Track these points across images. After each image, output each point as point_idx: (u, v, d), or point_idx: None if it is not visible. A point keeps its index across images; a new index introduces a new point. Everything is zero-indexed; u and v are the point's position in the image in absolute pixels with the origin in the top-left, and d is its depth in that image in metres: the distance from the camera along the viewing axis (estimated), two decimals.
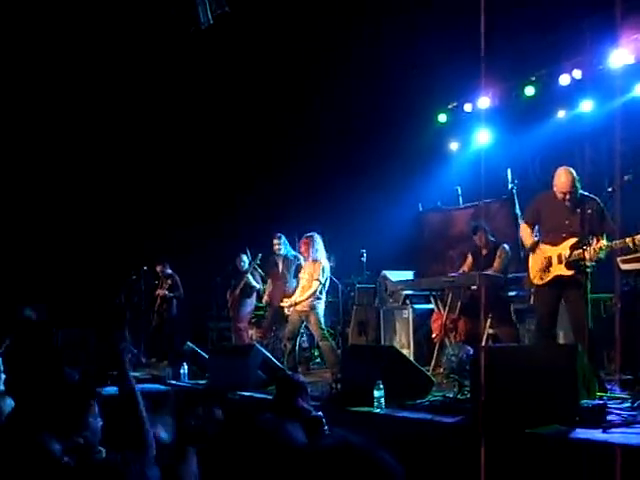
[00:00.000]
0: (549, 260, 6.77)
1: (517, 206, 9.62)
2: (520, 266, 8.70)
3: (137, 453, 2.52)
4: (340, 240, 11.92)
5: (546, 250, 6.84)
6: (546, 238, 6.92)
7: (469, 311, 8.48)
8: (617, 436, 4.46)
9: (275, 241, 10.37)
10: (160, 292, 12.61)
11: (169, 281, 12.60)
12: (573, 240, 6.61)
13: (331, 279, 10.57)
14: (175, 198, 13.74)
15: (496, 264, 8.60)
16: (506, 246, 8.68)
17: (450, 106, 12.61)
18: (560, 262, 6.66)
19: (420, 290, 9.56)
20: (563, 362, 5.17)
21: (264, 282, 11.25)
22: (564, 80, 10.66)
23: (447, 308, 8.67)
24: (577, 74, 10.49)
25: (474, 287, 8.37)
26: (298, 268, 10.12)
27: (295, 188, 12.64)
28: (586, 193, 6.84)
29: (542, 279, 6.81)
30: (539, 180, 11.32)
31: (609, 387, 6.32)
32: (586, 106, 10.61)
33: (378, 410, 6.00)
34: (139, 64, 11.40)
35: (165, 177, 13.75)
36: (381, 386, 6.03)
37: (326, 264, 9.37)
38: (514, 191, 9.80)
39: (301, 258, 10.09)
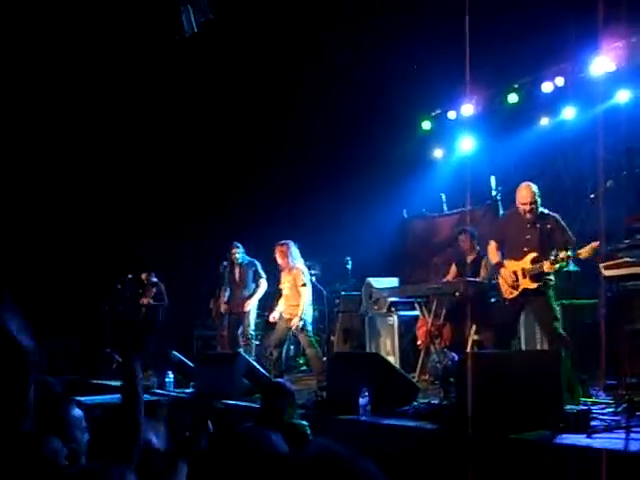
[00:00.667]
0: (515, 275, 6.99)
1: (501, 212, 9.68)
2: None
3: (120, 461, 2.50)
4: (325, 248, 11.94)
5: (511, 265, 7.06)
6: (510, 254, 7.17)
7: (454, 318, 8.50)
8: (601, 441, 4.48)
9: (234, 250, 10.46)
10: (145, 300, 12.55)
11: (154, 289, 12.55)
12: (533, 254, 6.89)
13: (316, 286, 10.57)
14: (161, 207, 13.70)
15: (482, 273, 8.63)
16: None
17: (434, 113, 12.66)
18: (525, 276, 6.91)
19: (405, 297, 9.56)
20: (547, 368, 5.20)
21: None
22: (547, 87, 10.73)
23: (432, 315, 8.68)
24: (559, 81, 10.57)
25: (458, 294, 8.38)
26: (255, 273, 10.41)
27: (279, 196, 12.65)
28: (546, 211, 7.10)
29: (512, 293, 7.03)
30: None
31: (594, 392, 6.36)
32: (568, 113, 10.68)
33: (364, 418, 6.00)
34: (127, 70, 11.38)
35: (150, 186, 13.71)
36: (366, 393, 6.03)
37: (304, 268, 9.42)
38: (498, 197, 9.87)
39: (257, 263, 10.42)
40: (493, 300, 8.20)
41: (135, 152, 13.34)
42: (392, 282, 10.32)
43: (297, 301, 9.19)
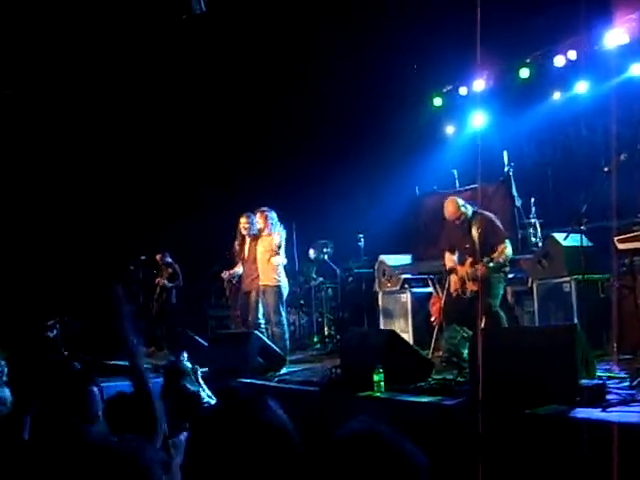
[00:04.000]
0: (462, 279, 7.51)
1: (514, 188, 9.64)
2: (518, 248, 8.72)
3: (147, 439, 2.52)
4: (337, 225, 11.94)
5: (459, 270, 7.57)
6: (458, 259, 7.68)
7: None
8: (617, 415, 4.48)
9: (243, 220, 9.79)
10: (160, 281, 12.57)
11: (169, 270, 12.55)
12: (471, 259, 7.43)
13: (329, 264, 10.58)
14: (173, 187, 13.72)
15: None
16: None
17: (445, 89, 12.58)
18: (469, 279, 7.42)
19: (418, 274, 9.57)
20: (562, 342, 5.19)
21: None
22: (559, 61, 10.62)
23: (445, 291, 8.67)
24: (572, 55, 10.45)
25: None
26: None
27: (291, 174, 12.62)
28: (471, 214, 7.61)
29: (464, 295, 7.49)
30: (535, 162, 11.34)
31: (608, 367, 6.35)
32: (581, 87, 10.58)
33: (378, 394, 6.02)
34: (132, 54, 11.34)
35: (162, 166, 13.72)
36: (381, 370, 6.04)
37: (283, 235, 9.44)
38: (510, 173, 9.81)
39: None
40: (511, 276, 8.15)
41: (145, 135, 13.34)
42: (405, 259, 10.31)
43: (273, 266, 9.30)
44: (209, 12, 8.98)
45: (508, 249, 7.39)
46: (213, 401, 5.24)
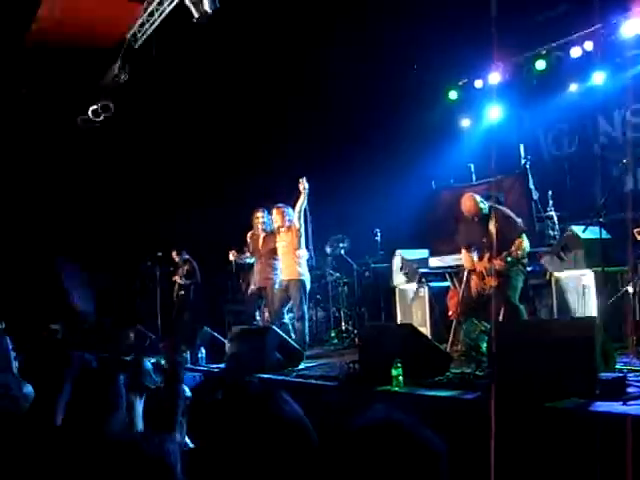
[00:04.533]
0: (482, 274, 7.58)
1: (530, 181, 9.60)
2: (536, 241, 8.68)
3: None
4: (354, 220, 11.93)
5: (478, 266, 7.62)
6: (478, 256, 7.71)
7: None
8: (637, 408, 4.45)
9: (258, 214, 9.94)
10: (177, 279, 12.61)
11: (186, 267, 12.57)
12: (488, 254, 7.46)
13: (346, 259, 10.57)
14: (189, 183, 13.74)
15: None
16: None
17: (461, 83, 12.55)
18: (489, 275, 7.46)
19: (435, 268, 9.54)
20: (581, 335, 5.16)
21: None
22: (575, 52, 10.56)
23: (463, 285, 8.64)
24: (588, 46, 10.39)
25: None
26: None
27: (307, 169, 12.59)
28: (487, 209, 7.60)
29: (485, 291, 7.53)
30: (552, 155, 11.29)
31: (627, 359, 6.31)
32: (598, 78, 10.50)
33: (397, 388, 6.01)
34: (144, 50, 11.36)
35: (179, 163, 13.74)
36: (399, 364, 6.03)
37: (302, 227, 9.46)
38: (527, 166, 9.77)
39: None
40: (529, 269, 8.12)
41: (162, 132, 13.36)
42: (422, 253, 10.28)
43: (296, 259, 9.34)
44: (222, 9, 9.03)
45: (525, 243, 7.38)
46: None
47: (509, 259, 7.24)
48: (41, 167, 13.25)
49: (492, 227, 7.45)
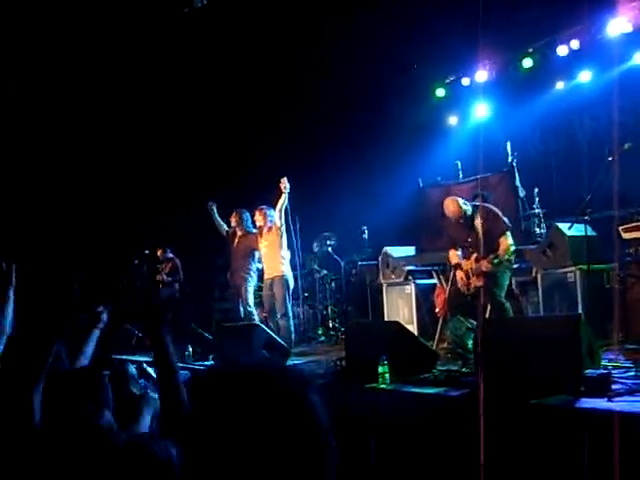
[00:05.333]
0: (467, 275, 7.51)
1: (517, 179, 9.62)
2: (522, 239, 8.71)
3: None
4: (341, 218, 11.93)
5: (464, 265, 7.58)
6: (463, 255, 7.69)
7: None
8: (622, 404, 4.46)
9: (234, 214, 10.24)
10: (159, 277, 12.60)
11: (168, 265, 12.57)
12: (475, 254, 7.40)
13: (333, 257, 10.58)
14: (176, 181, 13.70)
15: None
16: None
17: (448, 80, 12.56)
18: (473, 275, 7.41)
19: (422, 265, 9.56)
20: (567, 332, 5.17)
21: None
22: (562, 51, 10.60)
23: (450, 283, 8.65)
24: (575, 44, 10.44)
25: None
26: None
27: (294, 167, 12.58)
28: (470, 210, 7.55)
29: (469, 290, 7.48)
30: (539, 152, 11.32)
31: (613, 356, 6.33)
32: (584, 76, 10.56)
33: (383, 386, 6.01)
34: (133, 45, 11.31)
35: (164, 161, 13.70)
36: (385, 362, 6.04)
37: (284, 226, 9.58)
38: (514, 164, 9.79)
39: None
40: (515, 266, 8.15)
41: (148, 130, 13.32)
42: (409, 251, 10.30)
43: (278, 258, 9.48)
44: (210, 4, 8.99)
45: (509, 241, 7.34)
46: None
47: (496, 261, 7.21)
48: (28, 165, 13.17)
49: (478, 225, 7.43)
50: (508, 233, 7.37)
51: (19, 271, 4.35)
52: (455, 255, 7.79)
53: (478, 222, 7.43)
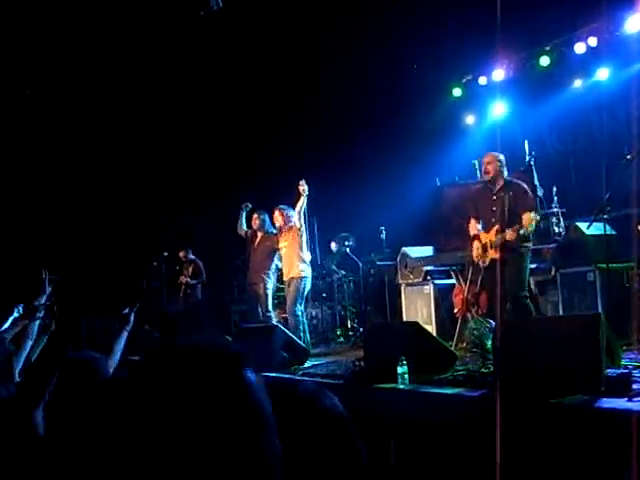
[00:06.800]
0: (485, 246, 7.63)
1: (535, 177, 9.57)
2: (540, 238, 8.67)
3: None
4: (358, 218, 11.93)
5: (483, 237, 7.66)
6: (483, 227, 7.77)
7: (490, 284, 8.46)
8: None
9: (254, 216, 10.37)
10: (182, 279, 12.64)
11: (192, 267, 12.63)
12: (497, 226, 7.44)
13: (351, 257, 10.60)
14: (195, 182, 13.75)
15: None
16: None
17: (465, 79, 12.54)
18: (492, 247, 7.49)
19: (440, 265, 9.55)
20: (586, 331, 5.15)
21: None
22: (579, 48, 10.54)
23: (468, 282, 8.63)
24: (592, 42, 10.37)
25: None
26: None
27: (311, 167, 12.62)
28: (513, 180, 7.68)
29: (484, 262, 7.61)
30: (556, 150, 11.26)
31: (633, 356, 6.30)
32: (602, 74, 10.49)
33: (402, 386, 6.02)
34: (145, 48, 11.36)
35: (184, 162, 13.76)
36: (404, 362, 6.04)
37: (303, 227, 9.65)
38: (532, 163, 9.75)
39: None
40: (533, 266, 8.13)
41: (168, 131, 13.38)
42: (427, 251, 10.29)
43: (298, 259, 9.55)
44: (226, 7, 9.02)
45: (536, 217, 7.33)
46: None
47: (521, 231, 7.23)
48: (46, 167, 13.26)
49: (505, 198, 7.46)
50: (535, 213, 7.38)
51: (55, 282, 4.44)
52: (475, 226, 7.83)
53: (506, 195, 7.45)
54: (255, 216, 10.26)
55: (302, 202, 9.41)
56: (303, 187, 9.31)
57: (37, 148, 13.03)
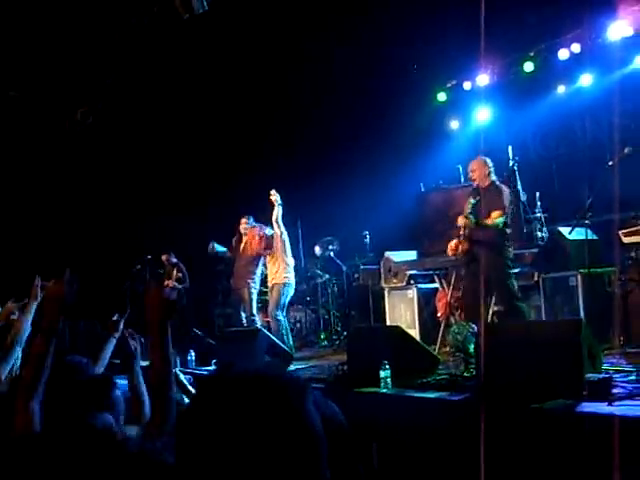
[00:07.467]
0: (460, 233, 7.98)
1: (519, 183, 9.62)
2: (522, 243, 8.71)
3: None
4: (343, 222, 11.94)
5: (460, 220, 8.00)
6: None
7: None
8: (623, 409, 4.46)
9: (243, 221, 10.45)
10: (169, 283, 12.56)
11: (176, 271, 12.55)
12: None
13: (335, 261, 10.61)
14: (177, 185, 13.71)
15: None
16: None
17: (449, 84, 12.57)
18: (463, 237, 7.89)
19: (424, 270, 9.57)
20: (568, 336, 5.18)
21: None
22: (563, 54, 10.61)
23: (451, 287, 8.67)
24: (576, 48, 10.44)
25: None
26: None
27: (295, 171, 12.63)
28: (497, 182, 8.03)
29: (459, 255, 8.02)
30: (540, 156, 11.33)
31: (614, 360, 6.34)
32: (585, 80, 10.56)
33: (385, 390, 6.02)
34: (132, 51, 11.32)
35: (166, 165, 13.71)
36: (387, 366, 6.04)
37: (285, 233, 9.77)
38: (515, 168, 9.79)
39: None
40: (516, 270, 8.16)
41: (149, 135, 13.33)
42: (411, 255, 10.30)
43: (282, 265, 9.70)
44: (212, 10, 9.00)
45: (500, 220, 7.64)
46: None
47: (486, 221, 7.65)
48: (28, 171, 13.17)
49: (488, 196, 7.79)
50: (503, 217, 7.67)
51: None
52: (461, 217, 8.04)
53: (488, 194, 7.80)
54: (243, 221, 10.32)
55: (277, 211, 9.52)
56: (275, 197, 9.39)
57: (19, 152, 12.94)
